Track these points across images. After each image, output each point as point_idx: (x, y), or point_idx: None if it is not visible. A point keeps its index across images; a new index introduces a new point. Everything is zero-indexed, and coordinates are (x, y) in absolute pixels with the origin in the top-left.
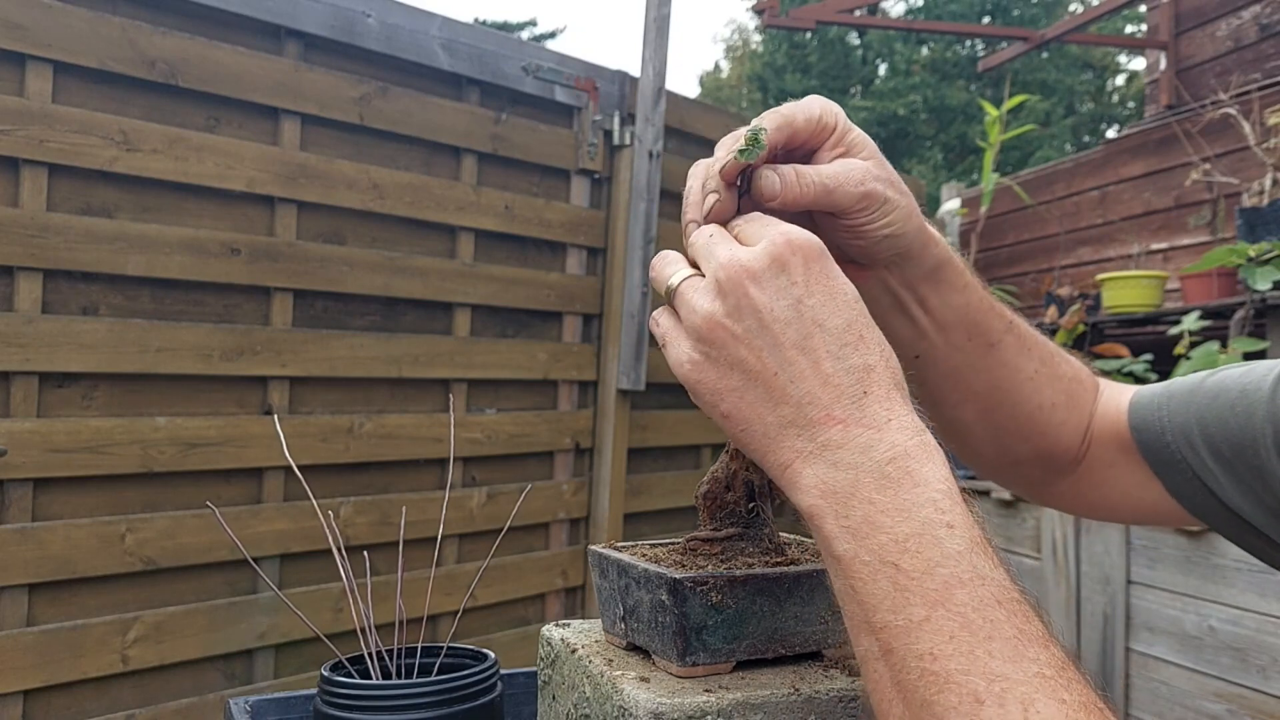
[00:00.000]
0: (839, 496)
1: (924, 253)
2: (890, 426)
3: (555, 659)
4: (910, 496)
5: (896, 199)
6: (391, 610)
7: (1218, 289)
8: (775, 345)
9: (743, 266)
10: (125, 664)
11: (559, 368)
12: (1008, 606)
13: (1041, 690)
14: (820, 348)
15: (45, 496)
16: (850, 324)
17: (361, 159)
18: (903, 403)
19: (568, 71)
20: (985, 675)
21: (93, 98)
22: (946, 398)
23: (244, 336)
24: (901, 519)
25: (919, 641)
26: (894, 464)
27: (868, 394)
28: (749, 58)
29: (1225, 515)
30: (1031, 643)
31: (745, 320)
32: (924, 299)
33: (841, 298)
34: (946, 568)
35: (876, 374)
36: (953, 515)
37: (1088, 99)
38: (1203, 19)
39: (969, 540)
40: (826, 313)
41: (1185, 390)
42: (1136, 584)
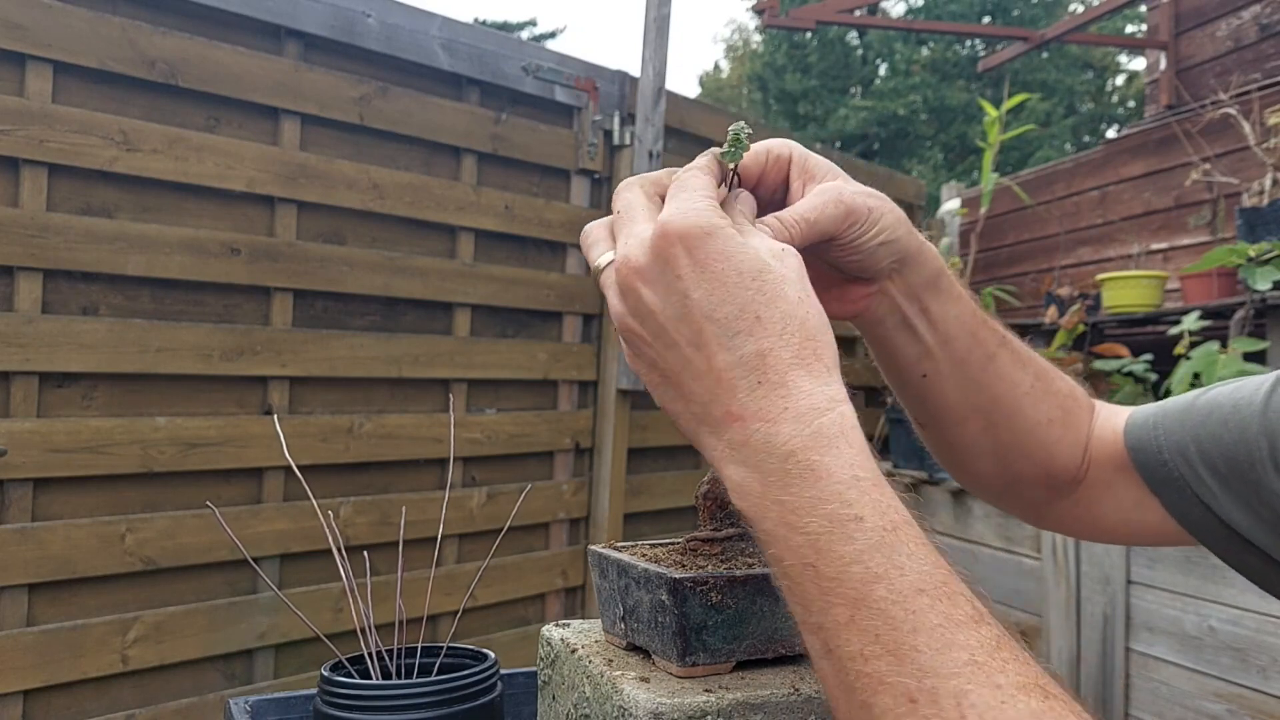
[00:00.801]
0: (754, 499)
1: (921, 256)
2: (785, 417)
3: (555, 659)
4: (814, 493)
5: (880, 206)
6: (391, 610)
7: (1218, 289)
8: (673, 345)
9: (632, 268)
10: (125, 664)
11: (559, 368)
12: (932, 594)
13: (974, 679)
14: (712, 341)
15: (45, 496)
16: (742, 309)
17: (361, 159)
18: (806, 380)
19: (568, 71)
20: (915, 672)
21: (93, 98)
22: (951, 415)
23: (244, 336)
24: (810, 518)
25: (849, 643)
26: (792, 459)
27: (762, 383)
28: (749, 58)
29: (1224, 533)
30: (960, 628)
31: (646, 322)
32: (927, 308)
33: (732, 282)
34: (860, 564)
35: (772, 357)
36: (859, 506)
37: (1088, 99)
38: (1203, 19)
39: (880, 530)
40: (714, 302)
41: (1179, 409)
42: (1136, 584)
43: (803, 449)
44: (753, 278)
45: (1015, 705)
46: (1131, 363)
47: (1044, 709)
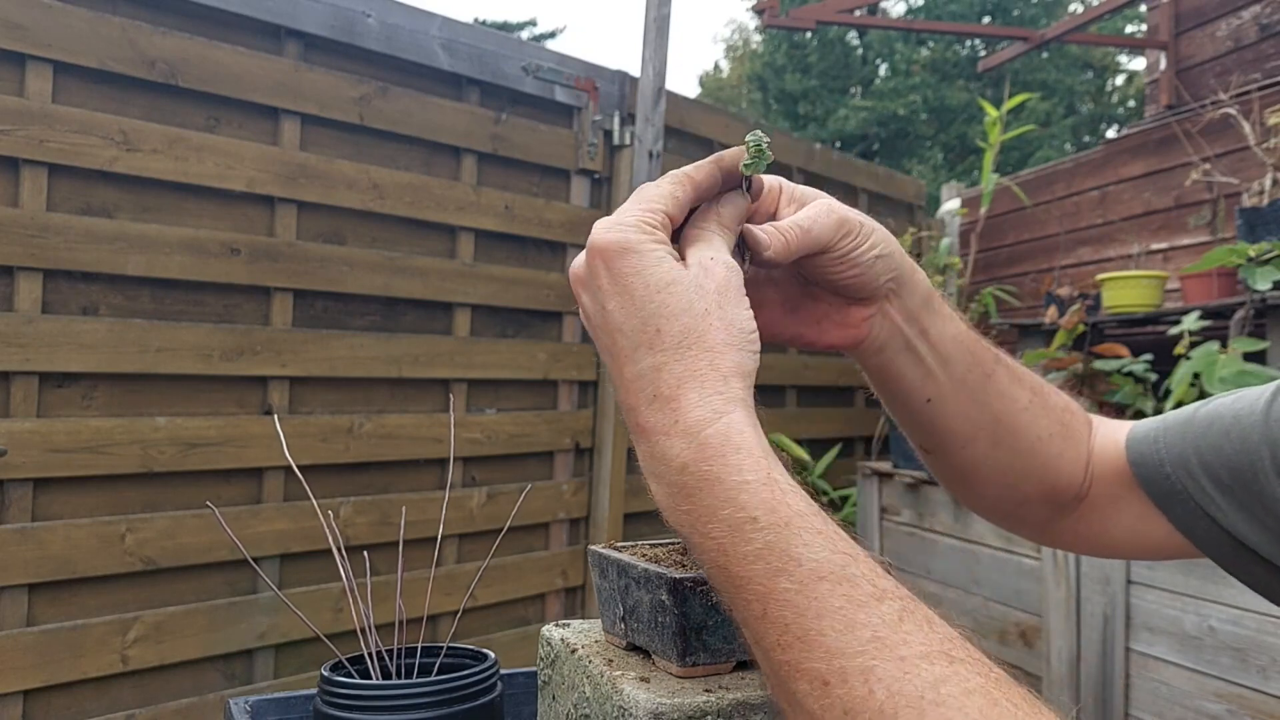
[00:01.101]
0: (667, 510)
1: (915, 277)
2: (675, 431)
3: (555, 659)
4: (710, 500)
5: (871, 223)
6: (391, 610)
7: (1218, 289)
8: (605, 350)
9: (574, 275)
10: (125, 664)
11: (559, 368)
12: (830, 579)
13: (878, 655)
14: (622, 353)
15: (45, 496)
16: (645, 322)
17: (361, 159)
18: (695, 393)
19: (568, 71)
20: (824, 655)
21: (93, 98)
22: (956, 437)
23: (244, 336)
24: (712, 524)
25: (766, 635)
26: (686, 472)
27: (656, 397)
28: (749, 58)
29: (1230, 545)
30: (860, 607)
31: (588, 322)
32: (925, 330)
33: (639, 296)
34: (761, 561)
35: (665, 372)
36: (752, 508)
37: (1088, 99)
38: (1203, 19)
39: (775, 527)
40: (623, 316)
41: (1180, 422)
42: (1136, 584)
43: (694, 461)
44: (658, 291)
45: (919, 674)
46: (1131, 363)
47: (949, 674)
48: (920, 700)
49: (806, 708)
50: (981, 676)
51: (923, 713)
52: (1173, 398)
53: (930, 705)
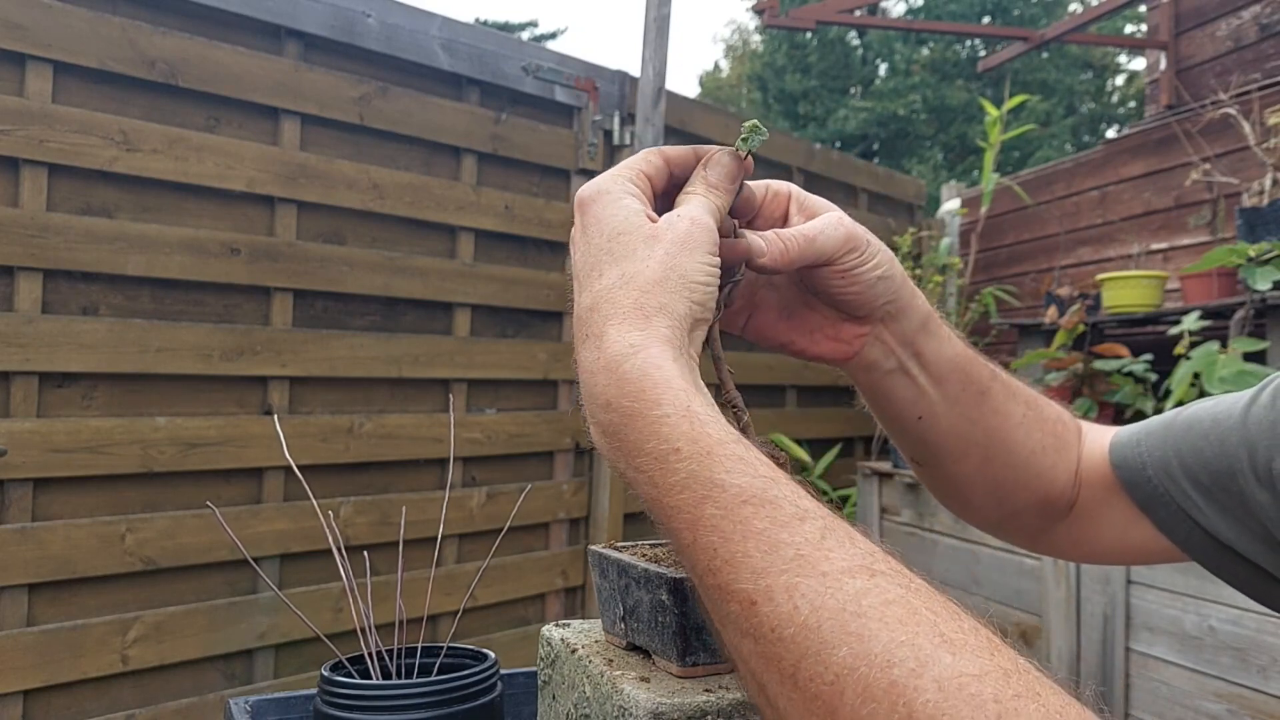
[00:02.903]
0: (602, 448)
1: (914, 302)
2: (597, 367)
3: (555, 659)
4: (635, 436)
5: (878, 243)
6: (391, 610)
7: (1218, 289)
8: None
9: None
10: (125, 664)
11: (559, 368)
12: (753, 503)
13: (801, 572)
14: (579, 290)
15: (45, 496)
16: (592, 265)
17: (361, 159)
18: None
19: (568, 71)
20: (750, 575)
21: (93, 98)
22: (949, 453)
23: (244, 336)
24: (640, 458)
25: (698, 561)
26: (610, 409)
27: (589, 335)
28: (749, 58)
29: (1212, 546)
30: (783, 528)
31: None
32: (920, 352)
33: (594, 242)
34: (687, 490)
35: (598, 311)
36: (674, 439)
37: (1088, 99)
38: (1203, 19)
39: (697, 456)
40: (579, 259)
41: (1161, 426)
42: (1136, 584)
43: (615, 398)
44: (609, 238)
45: (841, 588)
46: (1131, 363)
47: (869, 586)
48: (842, 613)
49: (739, 626)
50: (902, 588)
51: (844, 624)
52: (1173, 398)
53: (851, 616)
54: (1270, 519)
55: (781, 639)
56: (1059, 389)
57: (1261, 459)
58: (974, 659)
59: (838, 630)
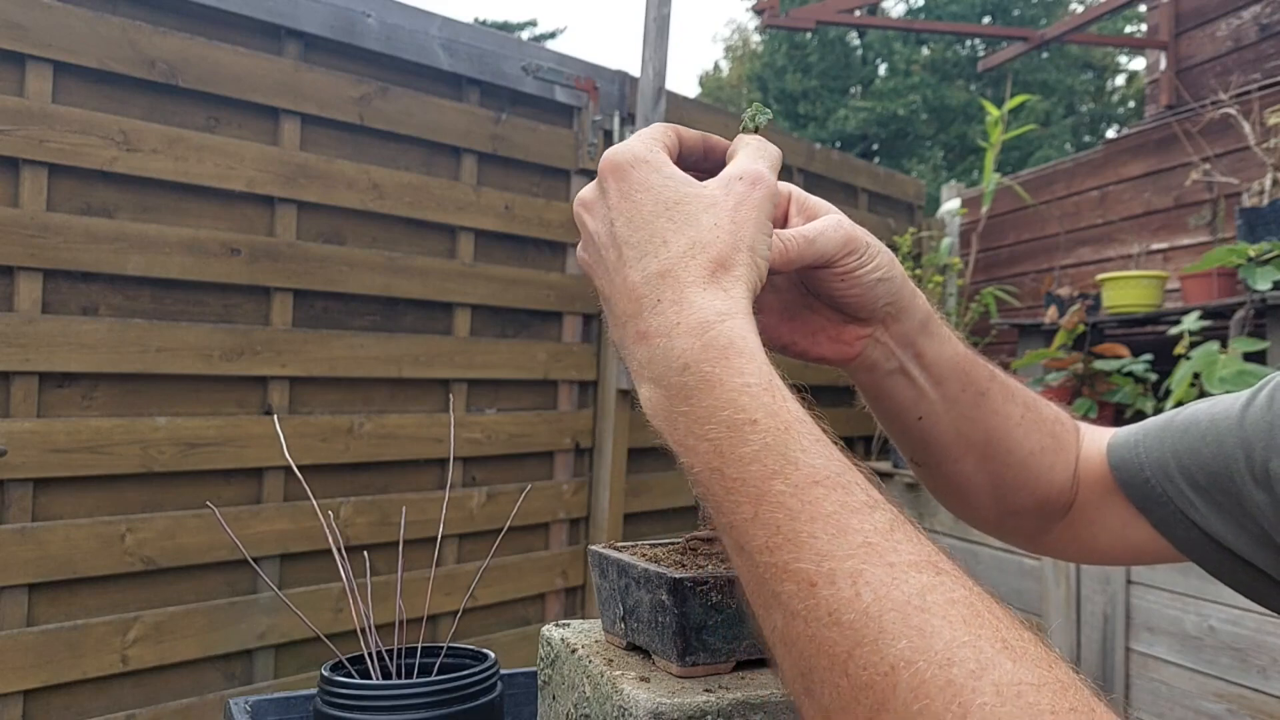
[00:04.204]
0: (661, 414)
1: (914, 303)
2: (678, 331)
3: (555, 659)
4: (710, 401)
5: (878, 244)
6: (391, 610)
7: (1218, 289)
8: (606, 269)
9: (581, 201)
10: (125, 664)
11: (559, 368)
12: (825, 484)
13: (868, 560)
14: (628, 264)
15: (45, 496)
16: (653, 234)
17: (361, 159)
18: (700, 295)
19: (568, 71)
20: (813, 557)
21: (93, 98)
22: (949, 453)
23: (244, 336)
24: (710, 425)
25: (755, 537)
26: (688, 372)
27: (661, 300)
28: (749, 58)
29: (1210, 547)
30: (854, 514)
31: (589, 249)
32: (920, 354)
33: (648, 210)
34: (758, 463)
35: (672, 276)
36: (753, 410)
37: (1088, 99)
38: (1203, 19)
39: (775, 430)
40: (631, 228)
41: (1158, 427)
42: (1136, 584)
43: (696, 361)
44: (666, 207)
45: (907, 580)
46: (1131, 363)
47: (935, 583)
48: (906, 605)
49: (791, 608)
50: (966, 590)
51: (907, 617)
52: (1173, 398)
53: (915, 610)
54: (1267, 520)
55: (839, 623)
56: (1059, 389)
57: (1259, 460)
58: (1033, 669)
59: (899, 622)
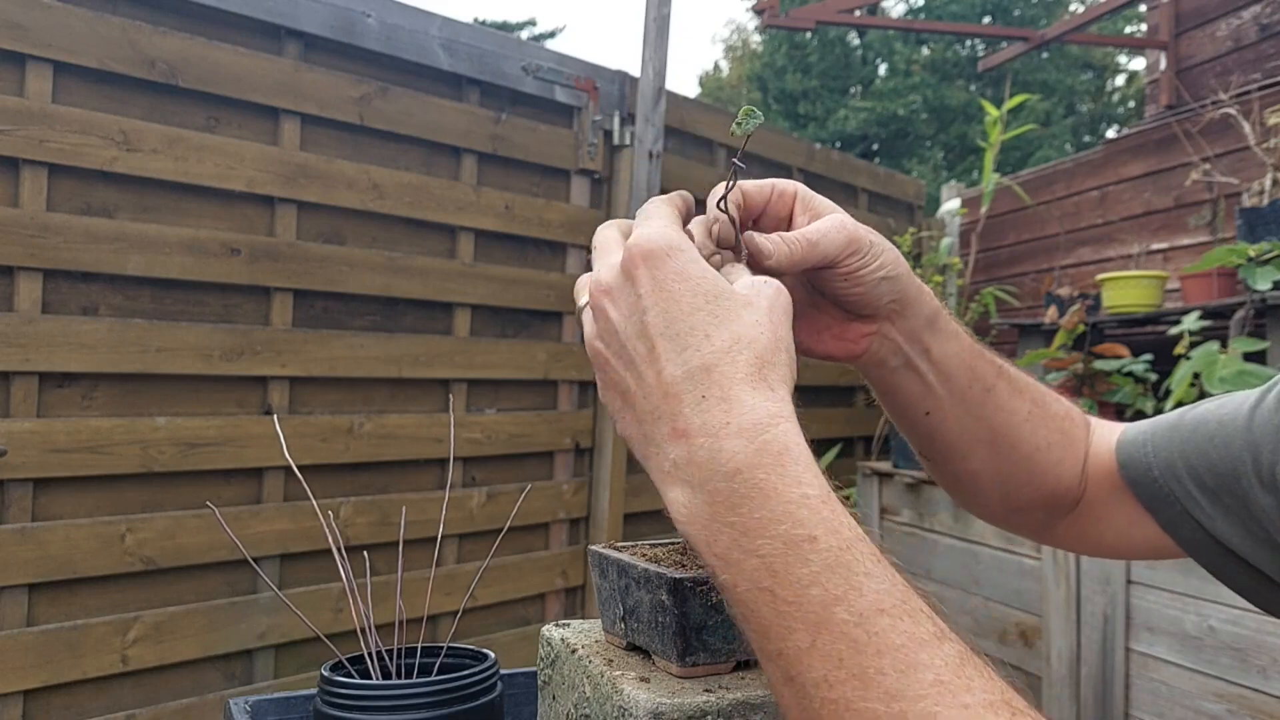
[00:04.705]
0: (702, 522)
1: (920, 298)
2: (728, 432)
3: (555, 659)
4: (764, 513)
5: (881, 242)
6: (391, 610)
7: (1218, 289)
8: (631, 362)
9: (601, 286)
10: (125, 664)
11: (559, 368)
12: (892, 613)
13: (941, 700)
14: (663, 357)
15: (45, 496)
16: (693, 327)
17: (361, 159)
18: (750, 395)
19: (568, 71)
20: (882, 696)
21: (93, 98)
22: (956, 448)
23: (244, 336)
24: (763, 539)
25: (811, 669)
26: (739, 478)
27: (706, 397)
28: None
29: (1214, 549)
30: (923, 647)
31: (610, 340)
32: (927, 349)
33: (686, 302)
34: (818, 586)
35: (718, 372)
36: (812, 525)
37: (1088, 99)
38: (1203, 19)
39: (836, 549)
40: (669, 319)
41: (1167, 426)
42: (1136, 584)
43: (749, 466)
44: (707, 300)
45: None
46: (1131, 363)
47: None
48: None
49: None
50: None
51: None
52: (1173, 398)
53: None
54: (1273, 523)
55: None
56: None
57: (1266, 462)
58: None
59: None
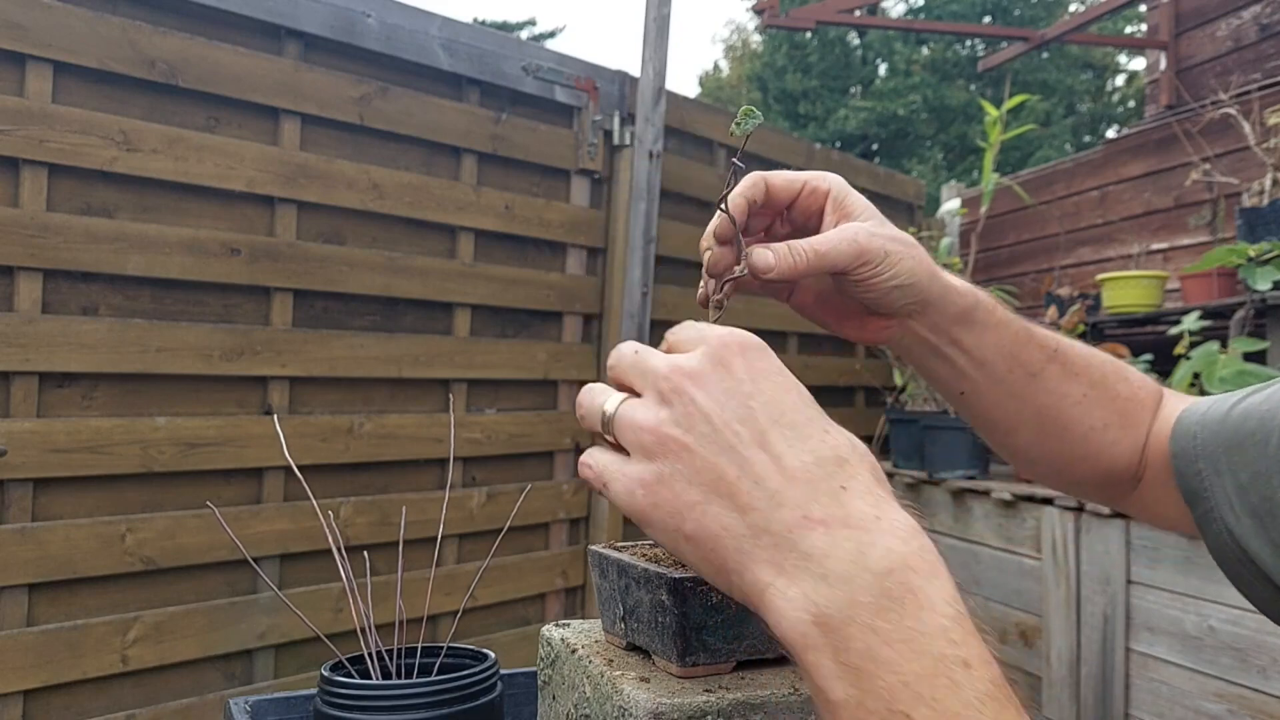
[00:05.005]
0: (833, 624)
1: (945, 300)
2: (880, 527)
3: (555, 659)
4: (917, 623)
5: (900, 251)
6: (391, 610)
7: (1218, 289)
8: (731, 447)
9: (683, 371)
10: (125, 664)
11: (559, 368)
12: None
13: None
14: (780, 443)
15: (45, 496)
16: (811, 419)
17: (361, 159)
18: (889, 499)
19: (568, 71)
20: None
21: (93, 98)
22: (998, 426)
23: (244, 336)
24: (911, 654)
25: None
26: (893, 577)
27: (846, 489)
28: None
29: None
30: None
31: (696, 427)
32: (958, 340)
33: (794, 396)
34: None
35: (852, 467)
36: (967, 648)
37: (1088, 99)
38: (1203, 19)
39: (988, 680)
40: (781, 408)
41: (1218, 416)
42: (1136, 584)
43: (902, 567)
44: (811, 402)
45: None
46: (1132, 362)
47: None
48: None
49: None
50: None
51: None
52: None
53: None
54: None
55: None
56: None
57: None
58: None
59: None
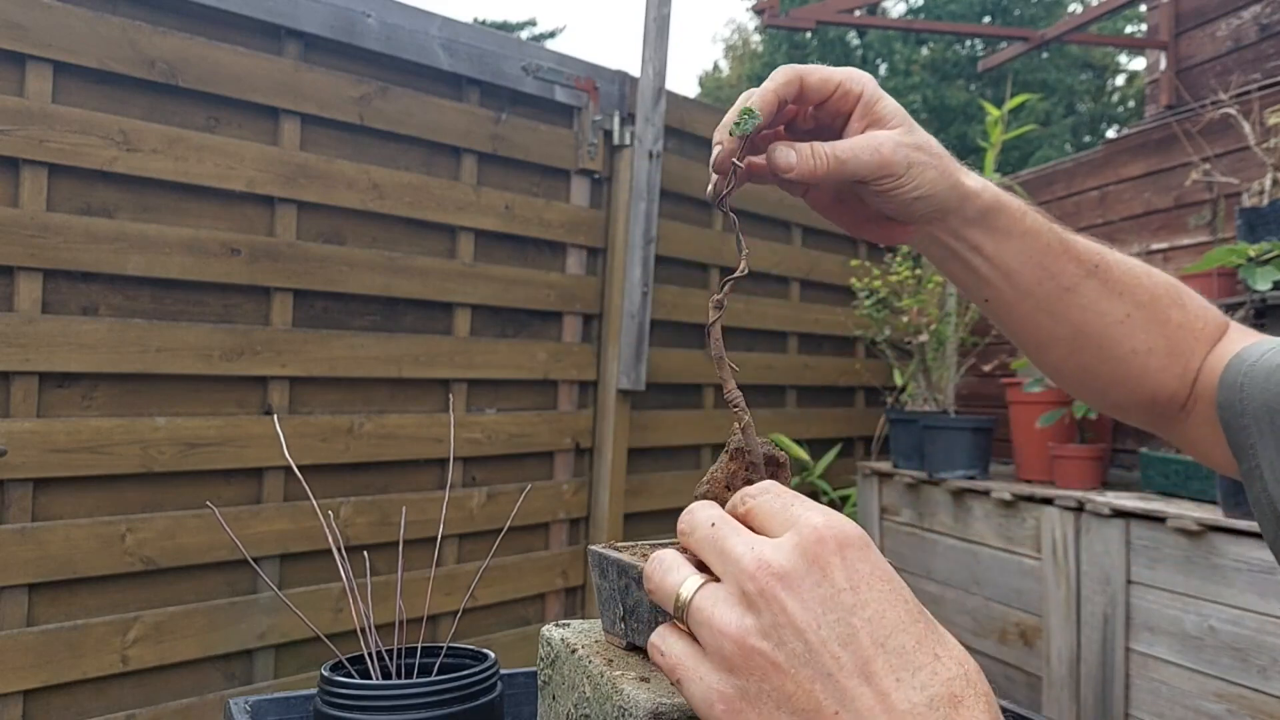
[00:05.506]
0: None
1: (963, 205)
2: None
3: (555, 659)
4: None
5: (925, 161)
6: (391, 610)
7: (1218, 289)
8: (827, 674)
9: (772, 571)
10: (125, 664)
11: (559, 368)
12: None
13: None
14: (886, 673)
15: (45, 496)
16: (920, 641)
17: (361, 159)
18: None
19: (568, 71)
20: None
21: (93, 98)
22: (1028, 340)
23: (244, 336)
24: None
25: None
26: None
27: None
28: (749, 58)
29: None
30: None
31: (787, 643)
32: (978, 246)
33: (900, 607)
34: None
35: (967, 709)
36: None
37: (1088, 99)
38: (1203, 19)
39: None
40: (888, 627)
41: (1264, 372)
42: (1136, 584)
43: None
44: (919, 611)
45: None
46: None
47: None
48: None
49: None
50: None
51: None
52: None
53: None
54: None
55: None
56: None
57: None
58: None
59: None
